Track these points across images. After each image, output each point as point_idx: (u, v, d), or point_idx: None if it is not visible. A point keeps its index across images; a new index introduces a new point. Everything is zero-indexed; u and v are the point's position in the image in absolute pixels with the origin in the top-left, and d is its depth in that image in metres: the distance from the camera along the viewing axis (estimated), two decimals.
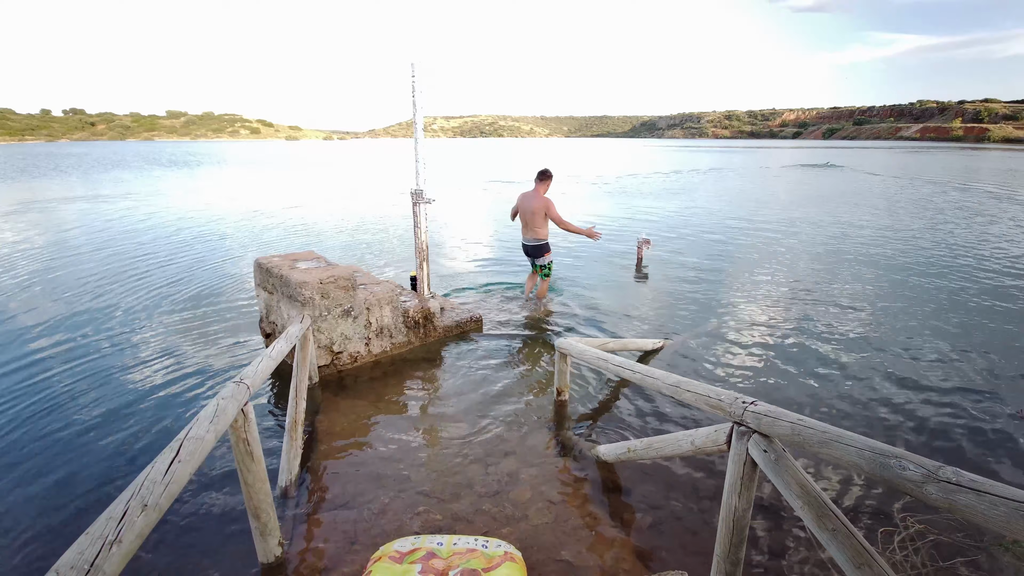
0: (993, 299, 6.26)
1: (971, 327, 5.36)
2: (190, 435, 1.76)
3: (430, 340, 4.91)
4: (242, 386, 2.13)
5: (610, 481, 2.96)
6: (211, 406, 1.95)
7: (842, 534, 1.44)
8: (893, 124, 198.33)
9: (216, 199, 16.85)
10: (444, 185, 22.02)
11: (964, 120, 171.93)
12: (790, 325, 5.40)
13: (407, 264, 7.88)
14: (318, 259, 4.60)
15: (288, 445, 2.94)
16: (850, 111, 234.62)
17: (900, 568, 2.31)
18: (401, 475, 2.98)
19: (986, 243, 9.61)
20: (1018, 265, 7.94)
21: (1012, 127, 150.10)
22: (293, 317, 3.97)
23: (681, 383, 2.30)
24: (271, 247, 9.39)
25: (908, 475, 1.25)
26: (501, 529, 2.56)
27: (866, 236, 10.33)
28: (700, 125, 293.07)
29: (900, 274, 7.42)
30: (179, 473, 1.57)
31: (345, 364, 4.30)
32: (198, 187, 21.18)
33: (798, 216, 13.05)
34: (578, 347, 3.41)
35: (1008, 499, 1.10)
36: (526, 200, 5.68)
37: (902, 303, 6.12)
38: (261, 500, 2.23)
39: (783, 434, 1.64)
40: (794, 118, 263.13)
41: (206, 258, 8.41)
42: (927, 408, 3.76)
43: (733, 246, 9.49)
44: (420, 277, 5.04)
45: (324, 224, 11.87)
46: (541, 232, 5.69)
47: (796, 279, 7.17)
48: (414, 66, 4.58)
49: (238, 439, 2.13)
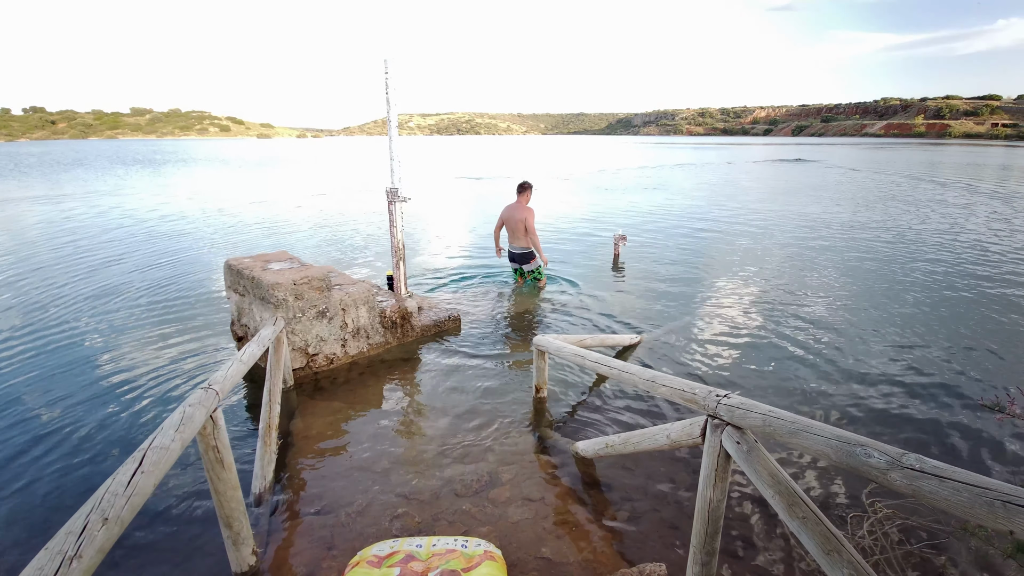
0: (956, 289, 6.52)
1: (934, 317, 5.56)
2: (154, 444, 1.70)
3: (408, 340, 4.87)
4: (211, 392, 2.07)
5: (589, 476, 2.98)
6: (177, 413, 1.88)
7: (811, 521, 1.47)
8: (859, 121, 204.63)
9: (184, 199, 16.36)
10: (421, 183, 21.84)
11: (926, 117, 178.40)
12: (763, 318, 5.52)
13: (384, 264, 7.79)
14: (291, 260, 4.50)
15: (262, 450, 2.88)
16: (818, 108, 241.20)
17: (870, 552, 2.39)
18: (379, 477, 2.94)
19: (948, 234, 10.00)
20: (981, 256, 8.28)
21: (972, 123, 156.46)
22: (266, 319, 3.88)
23: (657, 378, 2.32)
24: (242, 248, 9.17)
25: (873, 462, 1.28)
26: (481, 528, 2.55)
27: (833, 229, 10.63)
28: (675, 122, 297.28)
29: (866, 265, 7.66)
30: (142, 484, 1.52)
31: (321, 366, 4.22)
32: (164, 186, 20.52)
33: (769, 210, 13.36)
34: (555, 344, 3.42)
35: (970, 485, 1.13)
36: (510, 211, 6.10)
37: (869, 295, 6.32)
38: (233, 508, 2.17)
39: (755, 425, 1.67)
40: (765, 115, 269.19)
41: (173, 260, 8.16)
42: (893, 397, 3.89)
43: (707, 241, 9.66)
44: (397, 276, 4.99)
45: (298, 224, 11.64)
46: (526, 241, 6.02)
47: (768, 272, 7.34)
48: (387, 63, 4.51)
49: (207, 446, 2.07)
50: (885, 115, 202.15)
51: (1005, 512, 1.06)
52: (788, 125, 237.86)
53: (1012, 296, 6.24)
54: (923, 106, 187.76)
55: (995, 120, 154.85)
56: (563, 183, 21.54)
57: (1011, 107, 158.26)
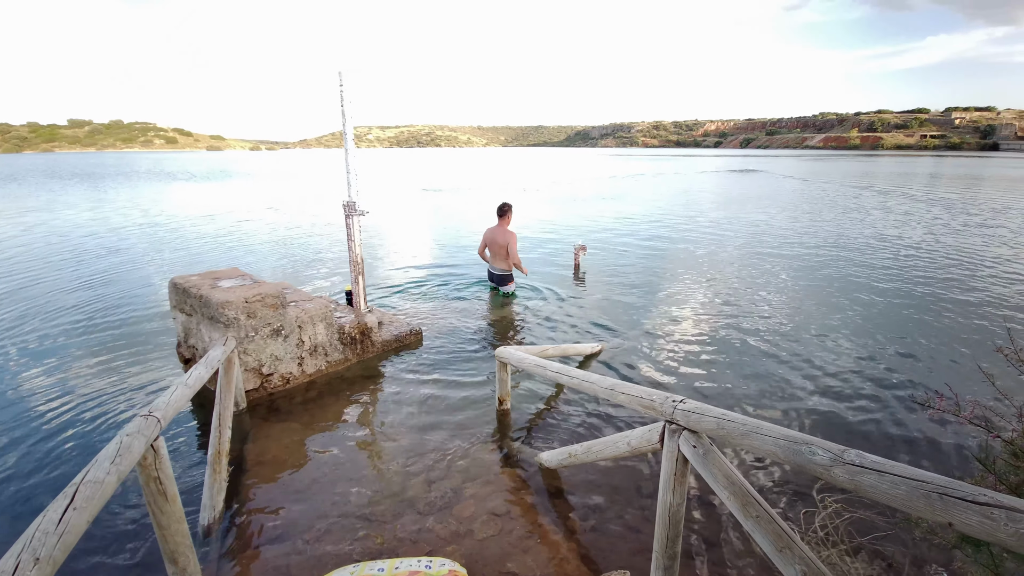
0: (896, 293, 6.95)
1: (876, 318, 5.91)
2: (87, 478, 1.58)
3: (368, 356, 4.75)
4: (151, 419, 1.95)
5: (554, 487, 2.98)
6: (113, 444, 1.76)
7: (764, 520, 1.52)
8: (800, 134, 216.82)
9: (125, 214, 15.52)
10: (381, 195, 21.55)
11: (861, 130, 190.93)
12: (718, 323, 5.71)
13: (342, 278, 7.61)
14: (243, 276, 4.33)
15: (211, 479, 2.73)
16: (763, 122, 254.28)
17: (823, 546, 2.48)
18: (339, 500, 2.84)
19: (890, 238, 10.68)
20: (920, 260, 8.87)
21: (903, 135, 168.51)
22: (215, 340, 3.71)
23: (616, 386, 2.36)
24: (189, 266, 8.76)
25: (818, 459, 1.34)
26: (446, 547, 2.50)
27: (784, 235, 11.16)
28: (631, 135, 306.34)
29: (814, 270, 8.07)
30: (75, 522, 1.42)
31: (276, 386, 4.06)
32: (103, 201, 19.41)
33: (723, 217, 13.91)
34: (517, 355, 3.42)
35: (907, 478, 1.19)
36: (492, 234, 6.39)
37: (816, 298, 6.65)
38: (178, 543, 2.04)
39: (709, 429, 1.72)
40: (715, 128, 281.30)
41: (113, 279, 7.71)
42: (839, 396, 4.09)
43: (664, 248, 9.95)
44: (356, 291, 4.88)
45: (251, 240, 11.24)
46: (508, 264, 6.42)
47: (723, 279, 7.61)
48: (342, 75, 4.45)
49: (148, 478, 1.95)
50: (823, 128, 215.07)
51: (942, 504, 1.11)
52: (736, 138, 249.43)
53: (947, 296, 6.71)
54: (857, 120, 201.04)
55: (924, 132, 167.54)
56: (523, 194, 21.75)
57: (938, 119, 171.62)
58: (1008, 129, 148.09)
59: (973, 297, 6.65)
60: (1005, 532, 1.02)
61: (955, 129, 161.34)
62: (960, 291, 6.92)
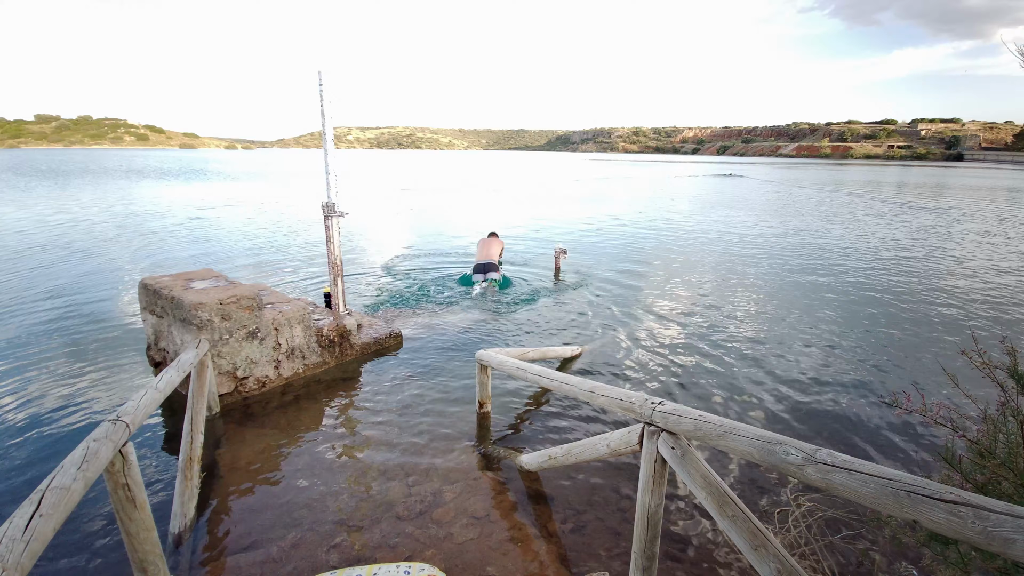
0: (868, 296, 7.17)
1: (847, 319, 6.08)
2: (53, 485, 1.53)
3: (347, 359, 4.69)
4: (119, 424, 1.89)
5: (534, 490, 2.98)
6: (79, 449, 1.70)
7: (740, 519, 1.55)
8: (774, 143, 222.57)
9: (93, 212, 15.02)
10: (361, 196, 21.32)
11: (831, 140, 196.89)
12: (697, 324, 5.80)
13: (322, 280, 7.50)
14: (217, 278, 4.23)
15: (182, 486, 2.65)
16: (739, 130, 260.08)
17: (796, 544, 2.53)
18: (315, 505, 2.79)
19: (859, 242, 11.01)
20: (889, 263, 9.17)
21: (871, 145, 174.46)
22: (188, 343, 3.61)
23: (596, 388, 2.37)
24: (161, 266, 8.52)
25: (791, 459, 1.37)
26: (425, 552, 2.48)
27: (759, 238, 11.41)
28: (611, 140, 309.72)
29: (790, 273, 8.27)
30: (41, 529, 1.37)
31: (252, 390, 3.98)
32: (71, 198, 18.74)
33: (701, 220, 14.15)
34: (498, 358, 3.42)
35: (876, 476, 1.22)
36: (484, 247, 7.47)
37: (791, 300, 6.81)
38: (148, 551, 1.98)
39: (687, 430, 1.74)
40: (693, 135, 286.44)
41: (81, 280, 7.45)
42: (812, 396, 4.20)
43: (644, 251, 10.07)
44: (334, 293, 4.82)
45: (226, 240, 11.00)
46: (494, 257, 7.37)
47: (701, 281, 7.74)
48: (321, 74, 4.41)
49: (116, 485, 1.88)
50: (796, 137, 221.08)
51: (909, 501, 1.14)
52: (713, 145, 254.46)
53: (918, 299, 6.95)
54: (828, 130, 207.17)
55: (891, 143, 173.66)
56: (502, 196, 21.78)
57: (905, 130, 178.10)
58: (972, 140, 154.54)
59: (942, 299, 6.91)
60: (972, 530, 1.04)
61: (921, 140, 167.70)
62: (930, 294, 7.18)
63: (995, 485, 1.46)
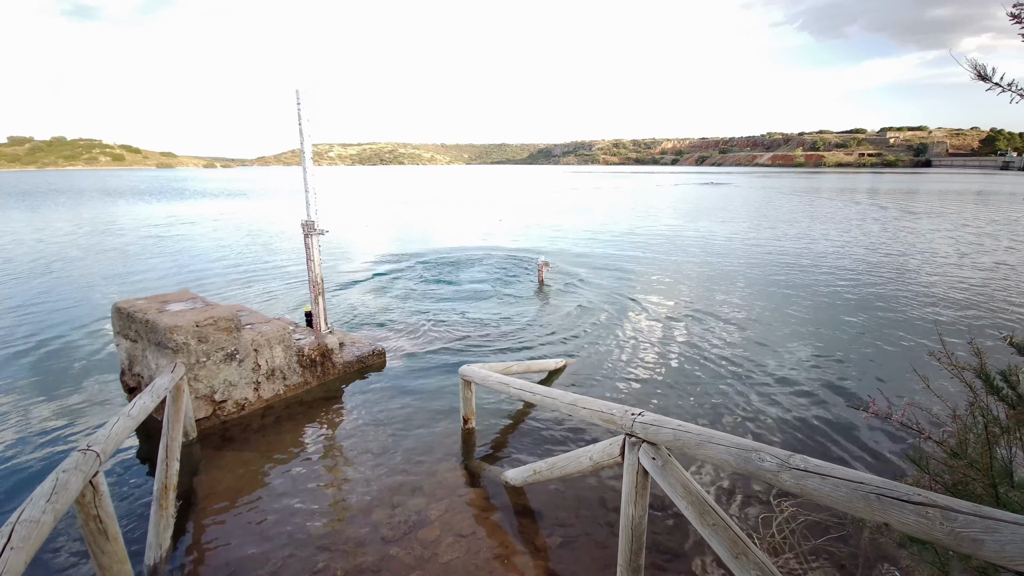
0: (846, 301, 7.33)
1: (822, 326, 6.20)
2: (23, 518, 1.48)
3: (329, 378, 4.63)
4: (90, 454, 1.84)
5: (520, 505, 2.96)
6: (48, 481, 1.65)
7: (721, 528, 1.56)
8: (750, 152, 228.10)
9: (66, 235, 14.66)
10: (342, 213, 21.20)
11: (805, 149, 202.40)
12: (678, 334, 5.86)
13: (302, 299, 7.41)
14: (194, 299, 4.16)
15: (157, 515, 2.57)
16: (716, 141, 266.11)
17: (780, 550, 2.55)
18: (296, 530, 2.73)
19: (839, 250, 11.29)
20: (864, 270, 9.40)
21: (843, 154, 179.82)
22: (163, 367, 3.53)
23: (578, 401, 2.38)
24: (136, 289, 8.34)
25: (766, 465, 1.39)
26: (410, 574, 2.44)
27: (736, 246, 11.63)
28: (592, 152, 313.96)
29: (768, 281, 8.42)
30: (12, 562, 1.34)
31: (231, 413, 3.89)
32: (43, 221, 18.28)
33: (680, 230, 14.37)
34: (481, 373, 3.41)
35: (847, 480, 1.25)
36: None
37: (767, 308, 6.94)
38: None
39: (667, 440, 1.76)
40: (672, 147, 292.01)
41: (52, 304, 7.25)
42: (787, 403, 4.26)
43: (626, 262, 10.17)
44: (316, 312, 4.77)
45: (204, 261, 10.83)
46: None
47: (680, 292, 7.84)
48: (299, 93, 4.41)
49: (88, 516, 1.83)
50: (771, 147, 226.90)
51: (880, 504, 1.17)
52: (692, 155, 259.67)
53: (888, 303, 7.13)
54: (801, 139, 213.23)
55: (862, 151, 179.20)
56: (485, 208, 21.87)
57: (875, 139, 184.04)
58: (940, 147, 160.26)
59: (916, 301, 7.10)
60: (941, 531, 1.06)
61: (890, 148, 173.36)
62: (904, 297, 7.37)
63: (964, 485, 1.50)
